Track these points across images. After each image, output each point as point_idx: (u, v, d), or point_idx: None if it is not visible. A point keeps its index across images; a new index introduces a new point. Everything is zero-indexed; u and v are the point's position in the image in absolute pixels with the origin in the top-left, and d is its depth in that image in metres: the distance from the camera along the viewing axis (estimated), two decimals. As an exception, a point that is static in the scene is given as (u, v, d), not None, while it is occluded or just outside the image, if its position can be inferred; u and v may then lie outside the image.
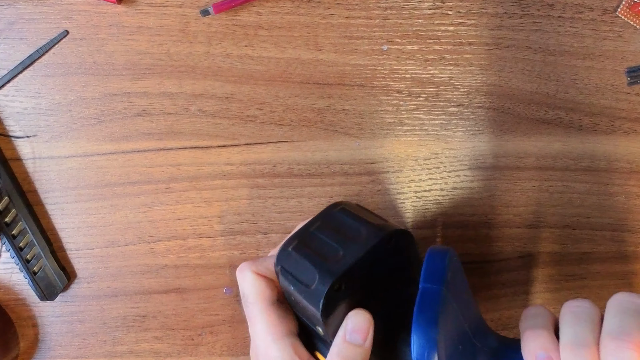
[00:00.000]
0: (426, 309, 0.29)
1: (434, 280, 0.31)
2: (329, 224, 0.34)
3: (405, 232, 0.34)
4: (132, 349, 0.47)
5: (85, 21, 0.43)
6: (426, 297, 0.30)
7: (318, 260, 0.32)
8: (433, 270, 0.31)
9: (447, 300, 0.30)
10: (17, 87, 0.44)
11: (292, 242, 0.34)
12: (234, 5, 0.42)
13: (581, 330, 0.28)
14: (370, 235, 0.33)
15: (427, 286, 0.30)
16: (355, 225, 0.34)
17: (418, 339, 0.29)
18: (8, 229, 0.44)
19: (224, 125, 0.44)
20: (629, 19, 0.42)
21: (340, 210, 0.35)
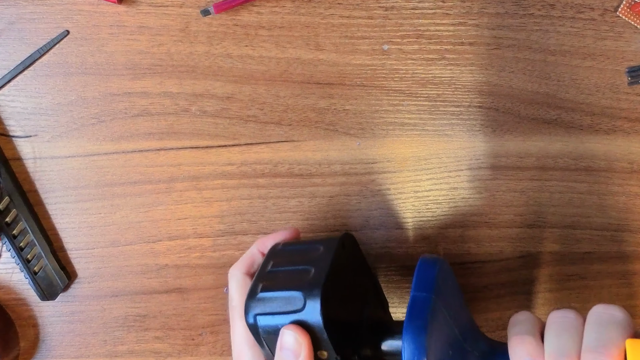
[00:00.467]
0: (416, 317, 0.31)
1: (424, 288, 0.32)
2: (282, 258, 0.36)
3: (349, 235, 0.37)
4: (132, 348, 0.47)
5: (86, 21, 0.43)
6: (416, 305, 0.31)
7: (295, 284, 0.33)
8: (423, 279, 0.33)
9: (436, 308, 0.32)
10: (17, 87, 0.44)
11: (257, 288, 0.34)
12: (234, 5, 0.42)
13: (564, 341, 0.29)
14: (326, 246, 0.35)
15: (417, 294, 0.32)
16: (306, 247, 0.36)
17: (408, 345, 0.30)
18: (9, 228, 0.44)
19: (224, 125, 0.44)
20: (629, 18, 0.42)
21: (283, 245, 0.37)
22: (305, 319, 0.32)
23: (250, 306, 0.33)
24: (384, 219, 0.45)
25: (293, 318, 0.32)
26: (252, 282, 0.35)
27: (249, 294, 0.34)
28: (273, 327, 0.33)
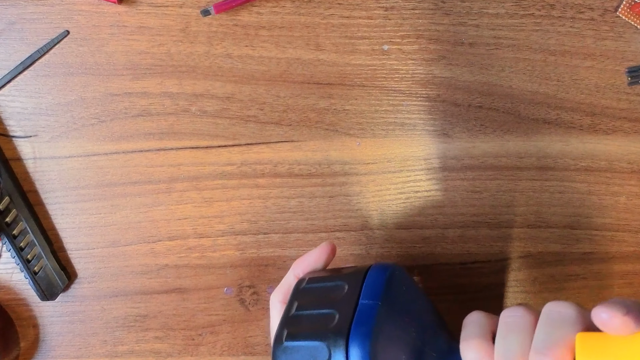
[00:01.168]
0: (361, 324, 0.31)
1: (372, 296, 0.32)
2: (306, 298, 0.35)
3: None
4: (132, 348, 0.47)
5: (86, 21, 0.43)
6: (362, 313, 0.32)
7: (319, 334, 0.32)
8: (371, 287, 0.33)
9: (384, 314, 0.32)
10: (17, 87, 0.44)
11: (282, 334, 0.33)
12: (234, 5, 0.42)
13: (511, 343, 0.29)
14: (351, 284, 0.34)
15: (363, 302, 0.32)
16: (331, 284, 0.35)
17: (354, 353, 0.30)
18: (9, 228, 0.44)
19: (224, 125, 0.44)
20: (629, 19, 0.42)
21: (308, 281, 0.36)
22: None
23: (277, 355, 0.33)
24: (383, 219, 0.45)
25: None
26: (278, 327, 0.34)
27: (275, 339, 0.33)
28: None
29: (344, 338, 0.31)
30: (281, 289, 0.38)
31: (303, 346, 0.32)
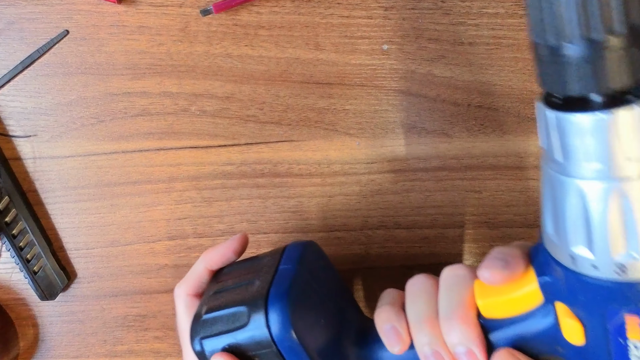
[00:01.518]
0: (279, 285, 0.32)
1: (289, 262, 0.34)
2: (227, 277, 0.35)
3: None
4: (132, 348, 0.47)
5: (86, 21, 0.43)
6: (280, 276, 0.32)
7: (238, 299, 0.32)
8: (289, 255, 0.35)
9: (301, 277, 0.33)
10: (17, 87, 0.44)
11: (201, 310, 0.33)
12: (234, 5, 0.41)
13: (419, 307, 0.31)
14: (271, 257, 0.35)
15: (282, 267, 0.33)
16: (252, 262, 0.36)
17: (273, 311, 0.30)
18: (8, 228, 0.44)
19: (224, 125, 0.44)
20: (629, 18, 0.42)
21: (229, 266, 0.37)
22: (252, 335, 0.30)
23: (195, 330, 0.32)
24: (384, 218, 0.45)
25: (239, 336, 0.31)
26: (198, 307, 0.34)
27: (194, 318, 0.33)
28: (220, 349, 0.32)
29: (263, 299, 0.31)
30: (187, 281, 0.37)
31: (222, 315, 0.32)
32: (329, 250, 0.45)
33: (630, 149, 0.21)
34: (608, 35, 0.20)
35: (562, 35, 0.20)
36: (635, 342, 0.24)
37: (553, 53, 0.21)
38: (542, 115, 0.23)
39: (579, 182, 0.22)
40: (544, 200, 0.25)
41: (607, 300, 0.23)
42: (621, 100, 0.21)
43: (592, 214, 0.22)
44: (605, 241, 0.23)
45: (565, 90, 0.22)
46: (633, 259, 0.22)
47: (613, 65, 0.20)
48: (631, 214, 0.22)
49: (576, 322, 0.25)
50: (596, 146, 0.21)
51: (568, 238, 0.24)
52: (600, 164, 0.22)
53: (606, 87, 0.21)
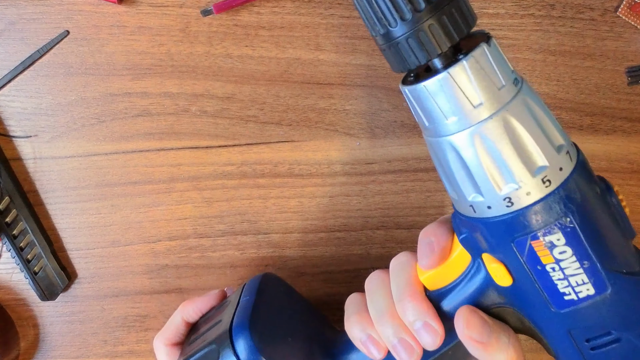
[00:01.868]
0: (240, 315, 0.34)
1: (248, 294, 0.36)
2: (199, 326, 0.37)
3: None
4: (132, 349, 0.47)
5: (86, 21, 0.43)
6: (241, 308, 0.35)
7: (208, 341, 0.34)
8: (248, 288, 0.37)
9: (264, 305, 0.35)
10: (17, 87, 0.43)
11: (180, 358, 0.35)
12: (234, 5, 0.42)
13: (377, 301, 0.32)
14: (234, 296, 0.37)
15: (242, 299, 0.35)
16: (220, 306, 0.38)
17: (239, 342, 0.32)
18: (9, 229, 0.44)
19: (224, 125, 0.44)
20: (629, 19, 0.42)
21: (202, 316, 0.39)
22: None
23: None
24: (384, 219, 0.45)
25: None
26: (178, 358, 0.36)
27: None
28: None
29: (227, 332, 0.33)
30: (165, 332, 0.38)
31: (197, 358, 0.33)
32: (329, 251, 0.45)
33: (472, 97, 0.25)
34: (415, 13, 0.24)
35: (385, 24, 0.25)
36: (551, 265, 0.26)
37: (385, 40, 0.25)
38: (403, 93, 0.27)
39: (447, 138, 0.26)
40: (436, 167, 0.28)
41: (510, 233, 0.26)
42: (455, 61, 0.25)
43: (468, 162, 0.26)
44: (487, 181, 0.26)
45: (405, 66, 0.26)
46: (514, 189, 0.25)
47: (428, 34, 0.24)
48: (496, 151, 0.25)
49: (498, 264, 0.28)
50: (446, 103, 0.25)
51: (462, 191, 0.27)
52: (456, 116, 0.25)
53: (432, 52, 0.25)
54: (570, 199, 0.25)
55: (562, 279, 0.26)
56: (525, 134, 0.25)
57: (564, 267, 0.26)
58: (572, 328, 0.27)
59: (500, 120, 0.25)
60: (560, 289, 0.26)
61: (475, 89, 0.25)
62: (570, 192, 0.25)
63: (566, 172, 0.26)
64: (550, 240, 0.25)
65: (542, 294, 0.27)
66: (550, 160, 0.25)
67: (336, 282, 0.46)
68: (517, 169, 0.25)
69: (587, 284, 0.26)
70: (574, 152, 0.27)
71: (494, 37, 0.26)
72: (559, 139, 0.26)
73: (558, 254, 0.26)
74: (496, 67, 0.25)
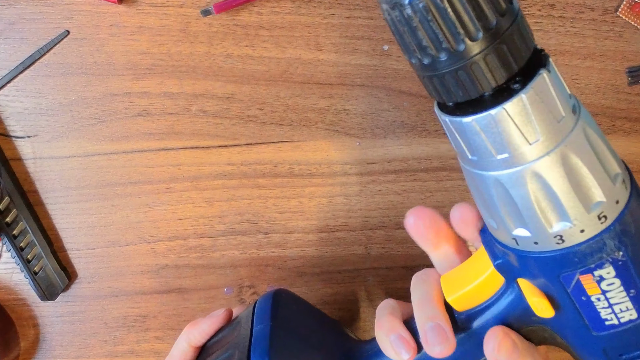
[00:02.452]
0: (258, 347, 0.32)
1: (262, 320, 0.34)
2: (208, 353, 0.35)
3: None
4: (132, 349, 0.47)
5: (86, 21, 0.43)
6: (257, 338, 0.33)
7: None
8: (260, 313, 0.34)
9: (280, 331, 0.33)
10: (17, 87, 0.43)
11: None
12: (234, 5, 0.42)
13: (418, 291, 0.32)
14: (244, 321, 0.35)
15: (256, 328, 0.33)
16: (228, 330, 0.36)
17: None
18: (9, 229, 0.44)
19: (224, 125, 0.44)
20: (629, 19, 0.42)
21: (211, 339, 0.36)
22: None
23: None
24: (384, 219, 0.45)
25: None
26: None
27: None
28: None
29: None
30: (201, 330, 0.37)
31: None
32: (329, 251, 0.45)
33: (528, 134, 0.22)
34: (469, 42, 0.20)
35: (431, 53, 0.21)
36: (597, 296, 0.25)
37: (427, 69, 0.22)
38: (441, 120, 0.24)
39: (494, 174, 0.23)
40: (473, 195, 0.26)
41: (558, 268, 0.24)
42: (508, 91, 0.22)
43: (516, 200, 0.23)
44: (537, 219, 0.23)
45: (450, 99, 0.22)
46: (567, 227, 0.23)
47: (481, 67, 0.21)
48: (550, 189, 0.22)
49: (541, 298, 0.26)
50: (497, 140, 0.22)
51: (505, 224, 0.25)
52: (507, 154, 0.22)
53: (486, 86, 0.21)
54: (625, 233, 0.23)
55: (606, 307, 0.25)
56: (583, 168, 0.22)
57: (609, 297, 0.25)
58: (608, 347, 0.27)
59: (558, 157, 0.22)
60: (603, 316, 0.25)
61: (534, 125, 0.22)
62: (625, 225, 0.23)
63: (622, 205, 0.23)
64: (600, 274, 0.24)
65: (582, 321, 0.26)
66: (607, 194, 0.23)
67: (336, 282, 0.46)
68: (572, 207, 0.23)
69: (630, 310, 0.25)
70: (627, 178, 0.24)
71: (550, 57, 0.23)
72: (615, 167, 0.24)
73: (606, 286, 0.24)
74: (556, 96, 0.22)
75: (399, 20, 0.21)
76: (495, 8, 0.20)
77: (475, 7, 0.20)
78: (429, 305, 0.30)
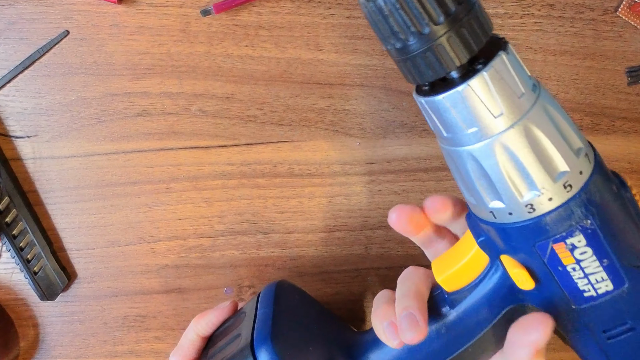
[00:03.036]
0: (261, 329, 0.33)
1: (266, 305, 0.36)
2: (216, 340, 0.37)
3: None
4: (132, 349, 0.47)
5: (86, 21, 0.43)
6: (260, 320, 0.34)
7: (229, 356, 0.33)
8: (264, 298, 0.37)
9: (282, 315, 0.35)
10: (17, 87, 0.43)
11: None
12: (234, 5, 0.42)
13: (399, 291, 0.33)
14: (249, 307, 0.36)
15: (260, 312, 0.35)
16: (234, 318, 0.37)
17: (260, 356, 0.32)
18: (8, 229, 0.44)
19: (224, 125, 0.44)
20: (629, 19, 0.42)
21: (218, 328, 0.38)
22: None
23: None
24: (384, 219, 0.45)
25: None
26: None
27: None
28: None
29: (249, 347, 0.32)
30: (181, 349, 0.38)
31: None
32: (329, 251, 0.45)
33: (493, 107, 0.24)
34: (433, 26, 0.23)
35: (401, 37, 0.24)
36: (572, 265, 0.26)
37: (401, 53, 0.25)
38: (418, 103, 0.27)
39: (467, 148, 0.26)
40: (452, 173, 0.28)
41: (533, 237, 0.26)
42: (473, 71, 0.24)
43: (489, 171, 0.26)
44: (509, 189, 0.26)
45: (422, 79, 0.25)
46: (536, 195, 0.25)
47: (445, 48, 0.24)
48: (517, 159, 0.25)
49: (520, 270, 0.28)
50: (466, 115, 0.25)
51: (482, 198, 0.27)
52: (476, 127, 0.25)
53: (451, 65, 0.24)
54: (590, 202, 0.25)
55: (582, 277, 0.27)
56: (546, 140, 0.25)
57: (584, 266, 0.26)
58: (590, 321, 0.28)
59: (522, 129, 0.25)
60: (580, 287, 0.27)
61: (496, 100, 0.24)
62: (590, 194, 0.25)
63: (586, 175, 0.25)
64: (571, 243, 0.26)
65: (562, 293, 0.27)
66: (571, 165, 0.25)
67: (336, 282, 0.46)
68: (538, 176, 0.25)
69: (605, 281, 0.26)
70: (591, 153, 0.27)
71: (509, 42, 0.25)
72: (577, 142, 0.26)
73: (579, 255, 0.26)
74: (515, 75, 0.25)
75: (373, 10, 0.24)
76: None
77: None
78: (406, 298, 0.31)
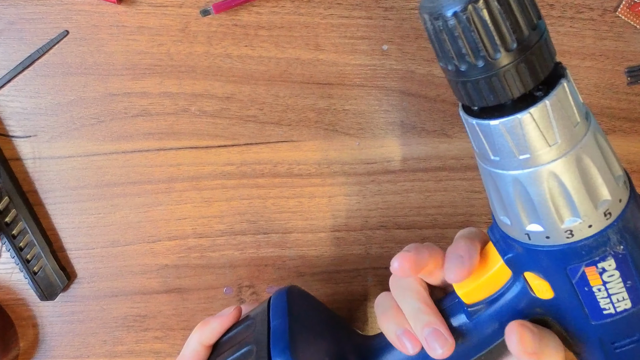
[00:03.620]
0: (278, 343, 0.33)
1: (279, 316, 0.35)
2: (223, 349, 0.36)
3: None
4: (132, 349, 0.47)
5: (86, 21, 0.43)
6: (276, 333, 0.33)
7: None
8: (276, 309, 0.35)
9: (297, 325, 0.34)
10: (17, 87, 0.44)
11: None
12: (234, 5, 0.42)
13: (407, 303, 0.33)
14: (260, 317, 0.36)
15: (274, 323, 0.34)
16: (242, 326, 0.36)
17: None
18: (8, 228, 0.44)
19: (224, 125, 0.44)
20: (629, 18, 0.42)
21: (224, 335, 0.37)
22: None
23: None
24: (383, 219, 0.45)
25: None
26: None
27: None
28: None
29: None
30: (212, 330, 0.36)
31: None
32: (329, 251, 0.45)
33: (548, 137, 0.24)
34: (504, 52, 0.22)
35: (467, 61, 0.23)
36: (598, 287, 0.27)
37: (461, 75, 0.24)
38: (466, 122, 0.26)
39: (514, 173, 0.25)
40: (488, 192, 0.28)
41: (566, 261, 0.27)
42: (531, 97, 0.24)
43: (533, 197, 0.26)
44: (551, 215, 0.26)
45: (481, 103, 0.24)
46: (577, 222, 0.26)
47: (513, 75, 0.23)
48: (565, 187, 0.25)
49: (542, 281, 0.29)
50: (520, 142, 0.24)
51: (520, 220, 0.27)
52: (528, 155, 0.25)
53: (515, 92, 0.23)
54: (626, 229, 0.26)
55: (605, 297, 0.27)
56: (594, 169, 0.25)
57: (609, 287, 0.27)
58: (603, 335, 0.29)
59: (573, 159, 0.25)
60: (602, 306, 0.28)
61: (554, 129, 0.24)
62: (626, 222, 0.26)
63: (623, 203, 0.26)
64: (602, 267, 0.26)
65: (582, 309, 0.28)
66: (613, 193, 0.26)
67: (336, 282, 0.46)
68: (582, 204, 0.25)
69: (625, 300, 0.27)
70: (627, 180, 0.27)
71: (567, 68, 0.25)
72: (618, 170, 0.26)
73: (606, 277, 0.27)
74: (574, 103, 0.24)
75: (441, 29, 0.23)
76: (529, 22, 0.22)
77: (512, 21, 0.22)
78: (422, 313, 0.31)
